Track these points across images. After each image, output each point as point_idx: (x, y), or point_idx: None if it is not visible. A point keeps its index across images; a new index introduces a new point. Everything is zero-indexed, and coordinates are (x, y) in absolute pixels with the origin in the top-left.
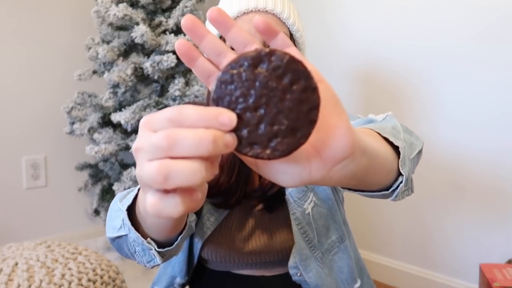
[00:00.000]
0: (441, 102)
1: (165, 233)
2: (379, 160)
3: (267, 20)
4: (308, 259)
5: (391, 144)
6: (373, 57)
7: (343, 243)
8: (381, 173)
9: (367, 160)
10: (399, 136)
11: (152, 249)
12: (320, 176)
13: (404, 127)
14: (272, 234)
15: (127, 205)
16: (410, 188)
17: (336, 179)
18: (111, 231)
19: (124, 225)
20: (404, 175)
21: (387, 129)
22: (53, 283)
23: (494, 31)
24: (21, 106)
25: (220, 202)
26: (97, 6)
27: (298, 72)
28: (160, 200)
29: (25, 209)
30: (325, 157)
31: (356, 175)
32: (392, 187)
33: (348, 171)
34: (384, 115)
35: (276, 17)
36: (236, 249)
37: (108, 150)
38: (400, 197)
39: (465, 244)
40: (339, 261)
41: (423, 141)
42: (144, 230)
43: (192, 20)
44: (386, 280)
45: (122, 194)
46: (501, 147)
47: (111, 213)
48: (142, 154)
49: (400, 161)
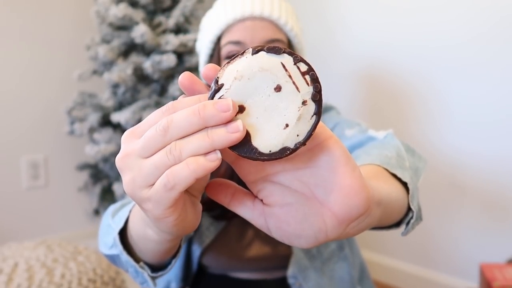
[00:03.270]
0: (443, 103)
1: (159, 257)
2: (392, 205)
3: (190, 76)
4: (307, 269)
5: (399, 179)
6: (374, 58)
7: (342, 251)
8: (394, 215)
9: (382, 210)
10: (405, 165)
11: (144, 273)
12: (336, 235)
13: (406, 147)
14: (272, 242)
15: (119, 228)
16: (419, 217)
17: (352, 234)
18: (104, 247)
19: (115, 245)
20: (414, 210)
21: (393, 160)
22: (53, 283)
23: (497, 32)
24: (21, 106)
25: (219, 214)
26: (97, 6)
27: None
28: (171, 172)
29: (25, 209)
30: (341, 217)
31: (371, 226)
32: (403, 222)
33: (363, 225)
34: (385, 133)
35: (273, 23)
36: (236, 257)
37: (108, 150)
38: (410, 230)
39: (465, 244)
40: (339, 270)
41: (426, 160)
42: (136, 253)
43: (189, 78)
44: (386, 279)
45: (115, 207)
46: (503, 148)
47: (102, 227)
48: (132, 158)
49: (410, 196)
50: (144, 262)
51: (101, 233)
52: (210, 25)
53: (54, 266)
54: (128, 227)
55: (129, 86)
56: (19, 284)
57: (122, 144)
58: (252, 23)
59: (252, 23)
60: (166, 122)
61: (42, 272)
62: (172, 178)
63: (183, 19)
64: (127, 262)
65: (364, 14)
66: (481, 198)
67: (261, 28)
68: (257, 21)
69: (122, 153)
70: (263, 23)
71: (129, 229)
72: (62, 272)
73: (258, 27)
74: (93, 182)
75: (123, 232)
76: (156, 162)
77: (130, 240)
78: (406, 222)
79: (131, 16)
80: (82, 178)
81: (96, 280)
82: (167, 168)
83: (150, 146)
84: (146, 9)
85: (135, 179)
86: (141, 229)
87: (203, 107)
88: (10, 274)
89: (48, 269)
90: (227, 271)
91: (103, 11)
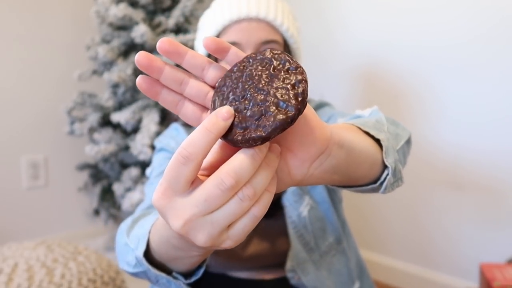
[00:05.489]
0: (441, 102)
1: (190, 266)
2: (358, 152)
3: (215, 38)
4: (305, 262)
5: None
6: (373, 58)
7: (340, 245)
8: (363, 166)
9: (345, 153)
10: (383, 129)
11: (180, 283)
12: (300, 175)
13: (391, 120)
14: (269, 238)
15: (142, 250)
16: (399, 179)
17: (318, 176)
18: (126, 266)
19: (140, 264)
20: (390, 166)
21: (370, 123)
22: (53, 283)
23: (496, 33)
24: (21, 106)
25: None
26: (97, 6)
27: (280, 58)
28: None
29: (25, 209)
30: (300, 155)
31: (336, 169)
32: (380, 180)
33: (327, 166)
34: (370, 110)
35: (269, 24)
36: (234, 255)
37: (108, 150)
38: (389, 189)
39: (465, 243)
40: (337, 263)
41: (410, 132)
42: (165, 264)
43: (146, 57)
44: (386, 279)
45: (127, 224)
46: (502, 148)
47: (119, 246)
48: (196, 219)
49: (384, 153)
50: (176, 272)
51: (120, 252)
52: (207, 25)
53: (54, 266)
54: (152, 249)
55: (129, 86)
56: (19, 284)
57: (167, 211)
58: (248, 25)
59: (248, 25)
60: (231, 180)
61: (42, 272)
62: (254, 219)
63: (183, 19)
64: (157, 276)
65: (363, 13)
66: (480, 197)
67: (257, 29)
68: (253, 22)
69: (182, 221)
70: (259, 24)
71: (153, 250)
72: (62, 272)
73: (254, 28)
74: (93, 182)
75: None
76: (231, 211)
77: (156, 257)
78: (383, 179)
79: (131, 16)
80: (82, 178)
81: (96, 280)
82: (244, 212)
83: (216, 203)
84: (146, 9)
85: (212, 234)
86: (170, 251)
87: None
88: (10, 274)
89: (48, 269)
90: (226, 270)
91: (103, 11)
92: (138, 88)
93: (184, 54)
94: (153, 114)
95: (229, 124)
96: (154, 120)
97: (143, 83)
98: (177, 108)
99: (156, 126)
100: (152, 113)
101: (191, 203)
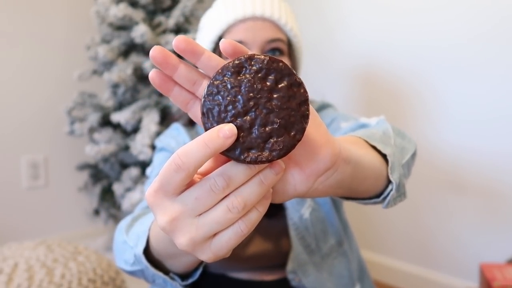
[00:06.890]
0: (442, 102)
1: (189, 268)
2: (364, 168)
3: (233, 41)
4: (306, 264)
5: (380, 151)
6: (374, 58)
7: (341, 247)
8: (368, 181)
9: (351, 169)
10: (389, 142)
11: (176, 283)
12: (305, 189)
13: (397, 130)
14: (270, 239)
15: (141, 247)
16: (402, 194)
17: (322, 190)
18: (123, 264)
19: (138, 262)
20: (394, 182)
21: (377, 135)
22: (53, 283)
23: (497, 32)
24: (21, 105)
25: None
26: (97, 6)
27: (280, 70)
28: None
29: (25, 209)
30: (307, 170)
31: (341, 184)
32: (383, 195)
33: (332, 181)
34: (377, 119)
35: (274, 24)
36: (235, 255)
37: (108, 150)
38: (392, 204)
39: (465, 243)
40: (338, 266)
41: (416, 144)
42: (162, 264)
43: (161, 53)
44: (386, 279)
45: (126, 223)
46: (503, 148)
47: (117, 244)
48: (182, 219)
49: (389, 168)
50: (173, 272)
51: (117, 250)
52: (210, 24)
53: (54, 266)
54: (151, 246)
55: (129, 86)
56: (19, 284)
57: (156, 207)
58: (254, 24)
59: (253, 24)
60: (223, 181)
61: (42, 272)
62: (239, 235)
63: (183, 19)
64: (154, 275)
65: (364, 13)
66: (481, 197)
67: (263, 28)
68: (259, 21)
69: (168, 217)
70: (265, 23)
71: (152, 247)
72: (62, 272)
73: (259, 27)
74: (93, 182)
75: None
76: (217, 219)
77: (154, 255)
78: (386, 194)
79: (131, 16)
80: (82, 178)
81: (96, 280)
82: (232, 221)
83: (205, 205)
84: (146, 9)
85: (195, 239)
86: (169, 247)
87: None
88: (10, 274)
89: (48, 269)
90: (226, 270)
91: (103, 11)
92: (151, 82)
93: (201, 55)
94: (153, 114)
95: (229, 144)
96: (154, 120)
97: (156, 78)
98: (188, 106)
99: (156, 126)
100: (152, 113)
101: (181, 202)
